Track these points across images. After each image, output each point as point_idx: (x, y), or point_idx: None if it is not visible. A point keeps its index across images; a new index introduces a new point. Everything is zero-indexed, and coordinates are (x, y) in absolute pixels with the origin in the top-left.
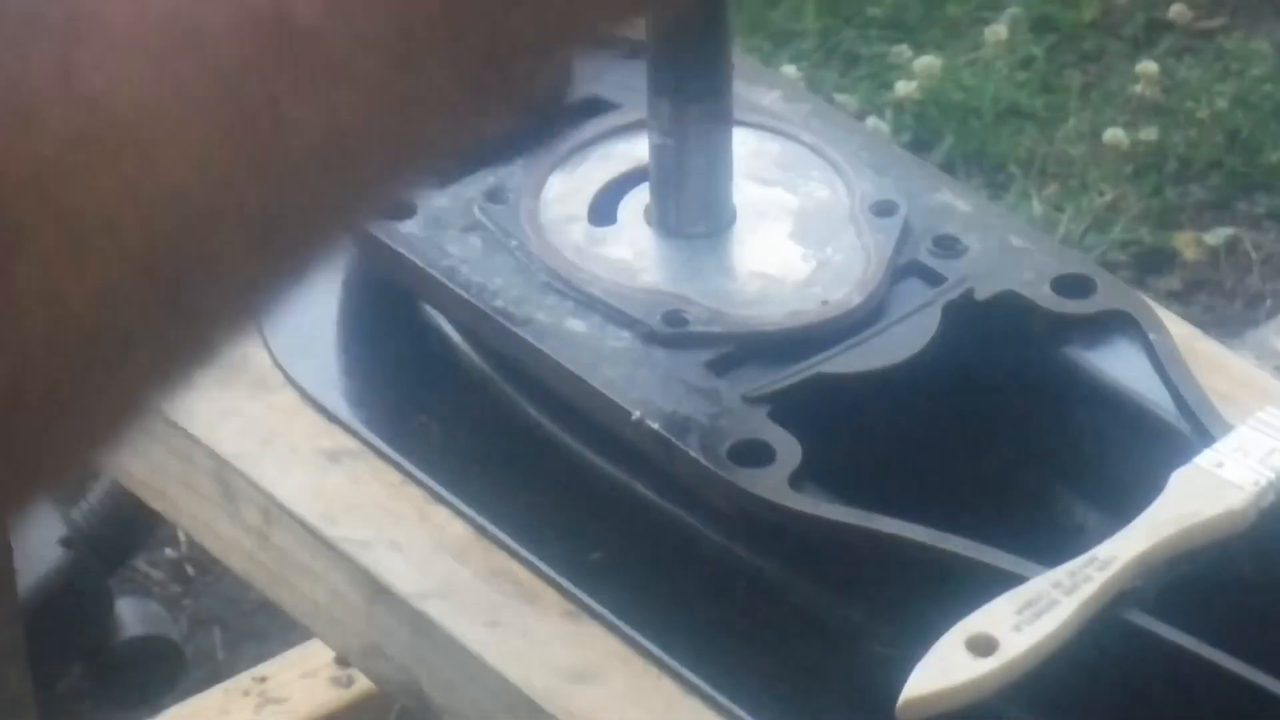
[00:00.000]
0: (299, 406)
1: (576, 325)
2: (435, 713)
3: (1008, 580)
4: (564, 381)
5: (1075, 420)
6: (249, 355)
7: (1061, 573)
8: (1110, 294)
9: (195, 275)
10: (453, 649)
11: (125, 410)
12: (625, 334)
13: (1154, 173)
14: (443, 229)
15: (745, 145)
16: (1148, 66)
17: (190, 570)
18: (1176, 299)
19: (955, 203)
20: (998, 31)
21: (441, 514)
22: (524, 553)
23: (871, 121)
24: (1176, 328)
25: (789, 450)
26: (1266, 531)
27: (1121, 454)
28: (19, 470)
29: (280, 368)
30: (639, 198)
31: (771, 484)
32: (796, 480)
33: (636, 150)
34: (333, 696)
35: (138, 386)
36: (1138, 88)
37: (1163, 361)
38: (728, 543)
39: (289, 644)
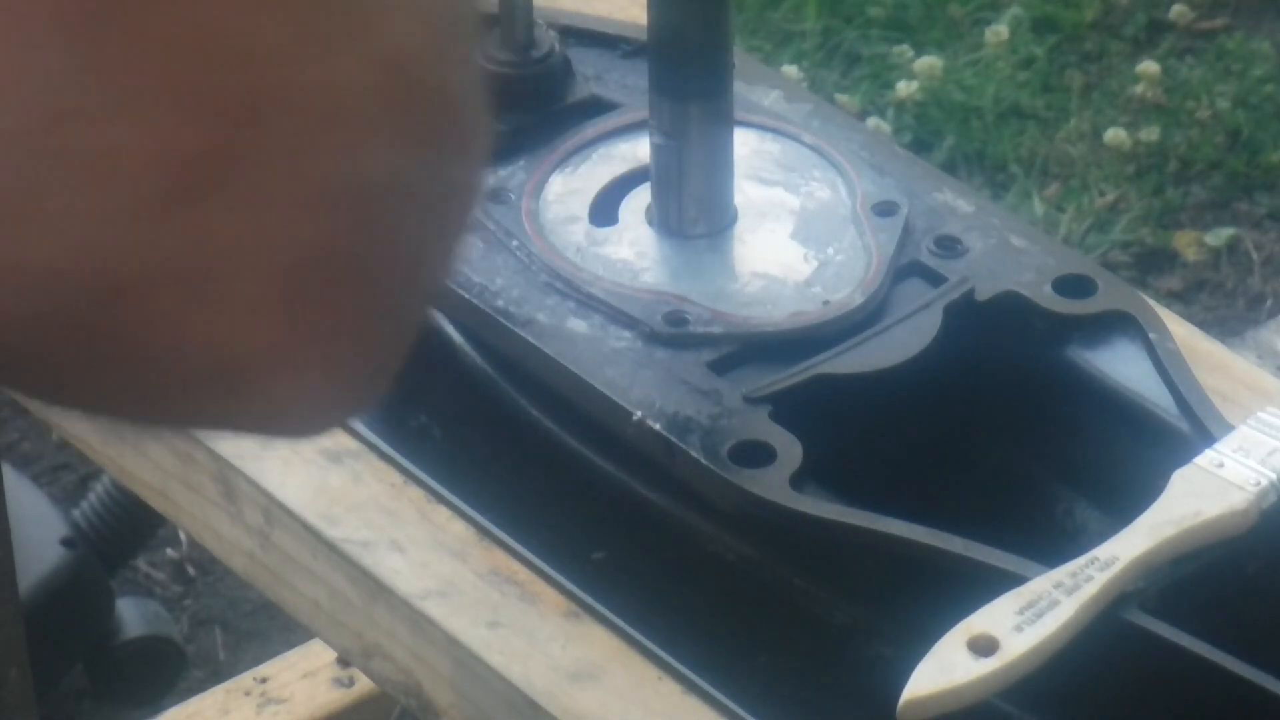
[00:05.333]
0: None
1: (578, 325)
2: (436, 713)
3: (1008, 580)
4: (565, 382)
5: (1076, 420)
6: None
7: (1063, 573)
8: (1111, 294)
9: None
10: (453, 649)
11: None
12: (626, 334)
13: (1155, 173)
14: None
15: (746, 145)
16: (1149, 67)
17: (191, 570)
18: (1177, 299)
19: (956, 203)
20: (999, 32)
21: (442, 514)
22: (524, 552)
23: (873, 121)
24: (1177, 328)
25: (790, 450)
26: (1268, 532)
27: (1122, 454)
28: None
29: None
30: (640, 198)
31: (772, 484)
32: (797, 480)
33: (637, 150)
34: (334, 697)
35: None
36: (1139, 88)
37: (1163, 361)
38: (729, 543)
39: (290, 644)
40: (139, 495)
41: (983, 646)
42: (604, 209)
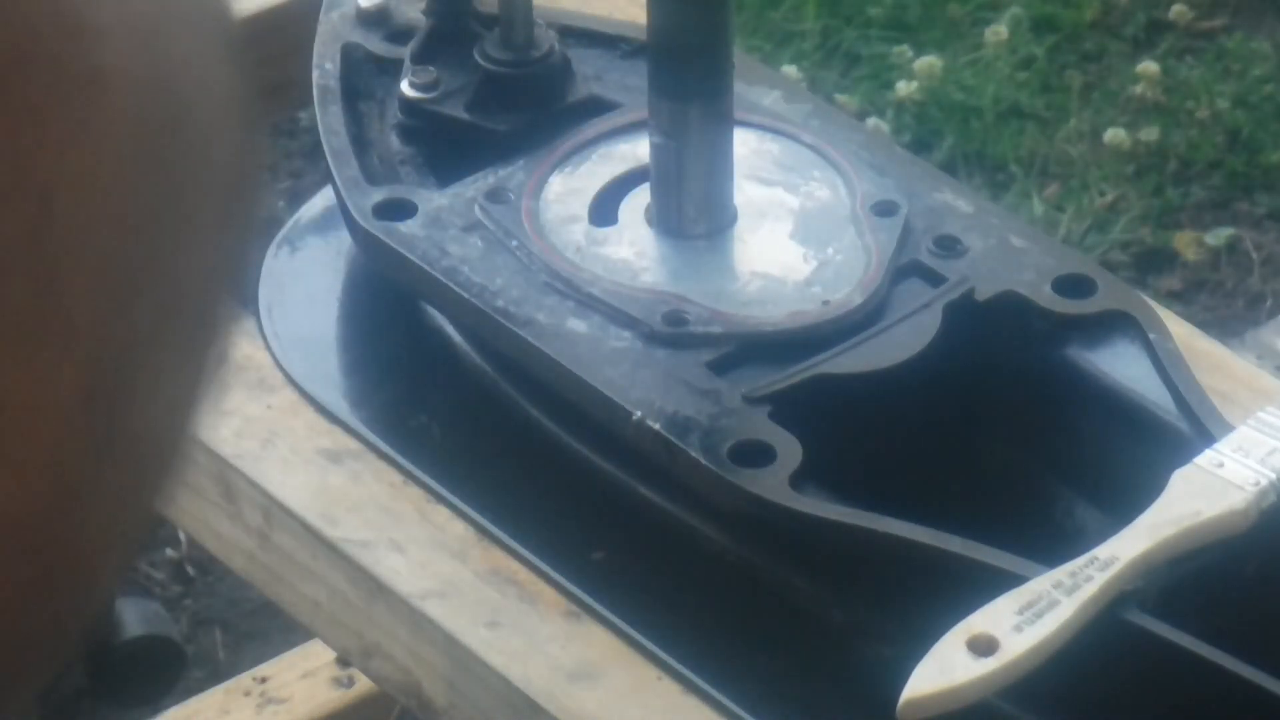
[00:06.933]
0: (299, 406)
1: (577, 325)
2: (435, 712)
3: (1008, 580)
4: (565, 382)
5: (1076, 420)
6: (249, 355)
7: (1062, 573)
8: (1111, 294)
9: None
10: (453, 649)
11: None
12: (626, 334)
13: (1155, 173)
14: (443, 229)
15: (746, 145)
16: (1148, 66)
17: (191, 570)
18: (1177, 299)
19: (956, 203)
20: (998, 31)
21: (441, 514)
22: (524, 552)
23: (872, 121)
24: (1177, 328)
25: (790, 450)
26: (1268, 532)
27: (1122, 454)
28: None
29: (280, 368)
30: (640, 198)
31: (772, 484)
32: (797, 480)
33: (637, 150)
34: (333, 697)
35: None
36: (1138, 88)
37: (1163, 361)
38: (728, 543)
39: (290, 644)
40: None
41: (982, 646)
42: (604, 209)
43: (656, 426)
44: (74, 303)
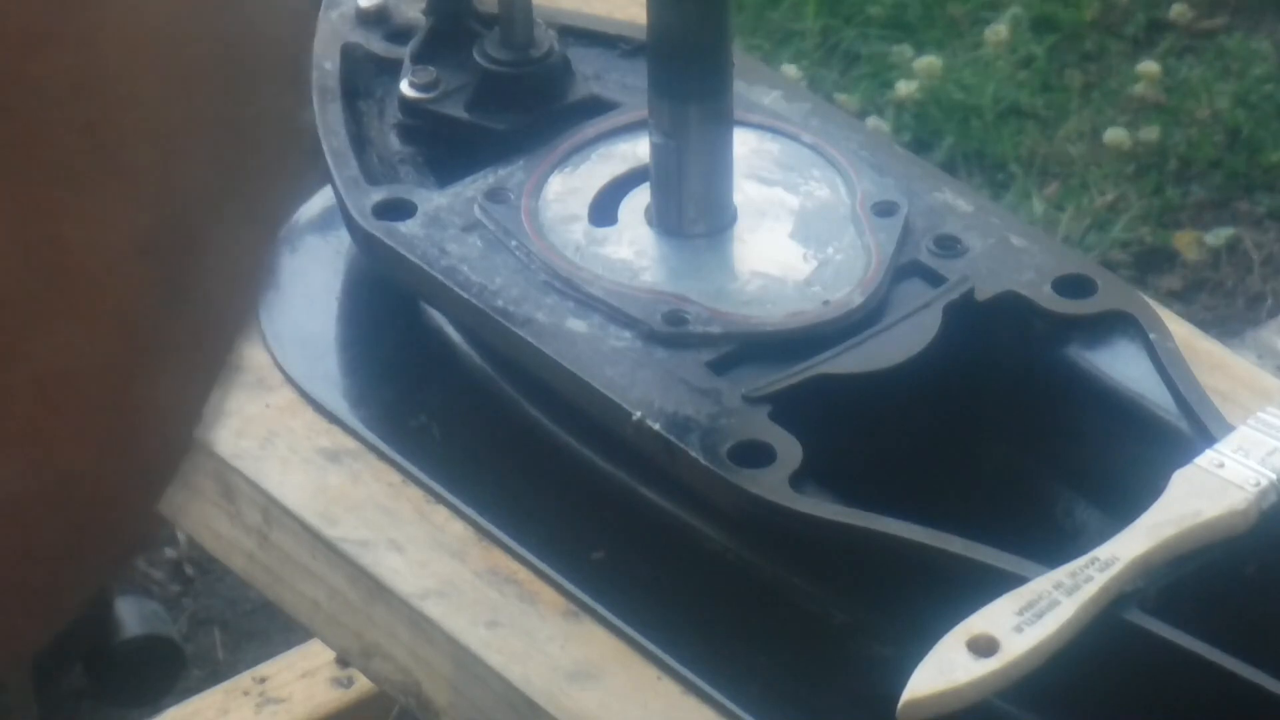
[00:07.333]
0: (299, 406)
1: (577, 325)
2: (434, 712)
3: (1008, 580)
4: (564, 381)
5: (1076, 420)
6: (249, 355)
7: (1062, 573)
8: (1111, 294)
9: None
10: (452, 648)
11: None
12: (626, 334)
13: (1155, 172)
14: (443, 228)
15: (746, 145)
16: (1148, 66)
17: (190, 570)
18: (1177, 298)
19: (956, 202)
20: (998, 31)
21: (441, 514)
22: (524, 553)
23: (872, 121)
24: (1177, 327)
25: (789, 450)
26: (1268, 532)
27: (1122, 454)
28: None
29: (280, 368)
30: (640, 198)
31: (772, 484)
32: (797, 480)
33: (637, 150)
34: (333, 697)
35: None
36: (1138, 87)
37: (1163, 361)
38: (728, 543)
39: (289, 644)
40: None
41: (983, 647)
42: (603, 208)
43: (656, 426)
44: (128, 148)
